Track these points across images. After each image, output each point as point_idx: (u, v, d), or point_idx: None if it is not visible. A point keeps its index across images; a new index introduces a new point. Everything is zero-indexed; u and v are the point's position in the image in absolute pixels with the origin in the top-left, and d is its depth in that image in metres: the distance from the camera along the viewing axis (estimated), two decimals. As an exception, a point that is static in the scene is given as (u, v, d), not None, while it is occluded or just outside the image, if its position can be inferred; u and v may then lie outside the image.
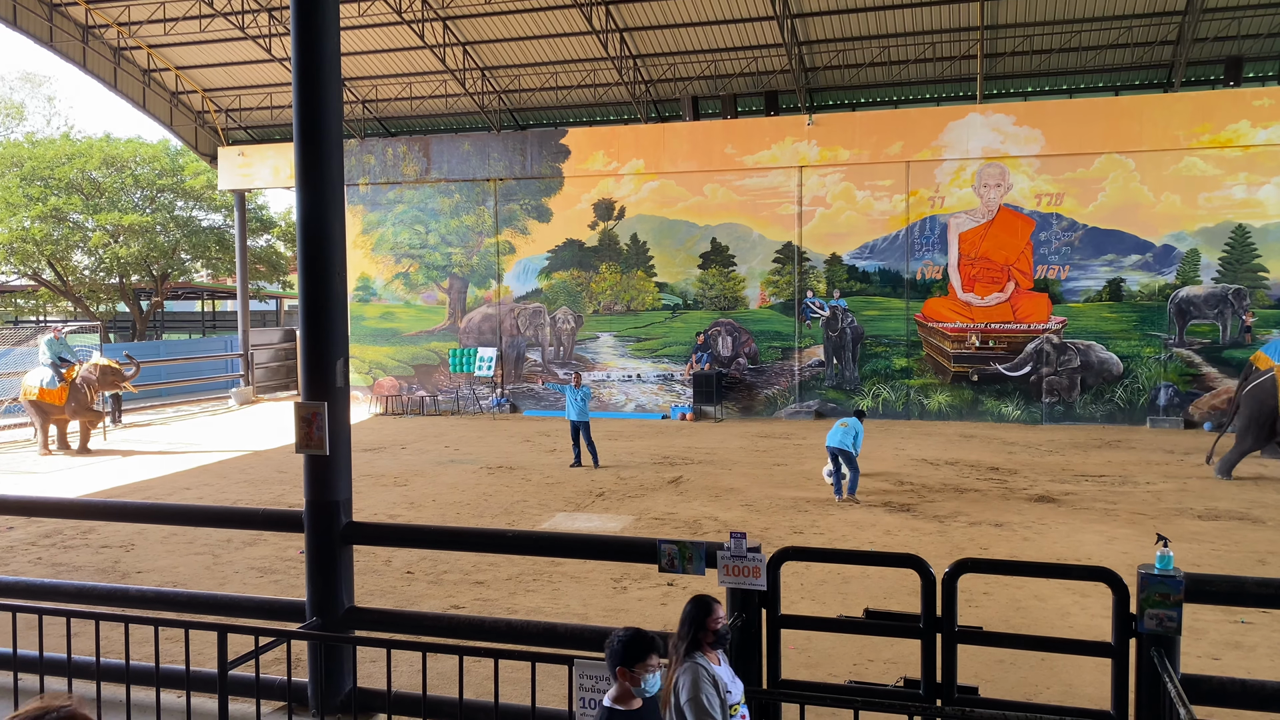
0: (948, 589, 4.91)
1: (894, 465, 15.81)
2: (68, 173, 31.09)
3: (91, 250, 31.59)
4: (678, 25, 21.74)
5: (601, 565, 9.56)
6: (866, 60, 21.82)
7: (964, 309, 21.07)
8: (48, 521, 11.97)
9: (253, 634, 5.31)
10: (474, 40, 23.28)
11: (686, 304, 22.86)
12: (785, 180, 21.88)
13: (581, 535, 9.75)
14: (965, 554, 10.13)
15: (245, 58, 24.80)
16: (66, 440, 18.45)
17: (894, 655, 7.24)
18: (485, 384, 24.23)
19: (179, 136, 27.51)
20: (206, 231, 33.18)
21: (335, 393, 6.05)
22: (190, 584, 9.39)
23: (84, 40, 24.14)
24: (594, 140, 23.31)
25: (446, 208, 24.56)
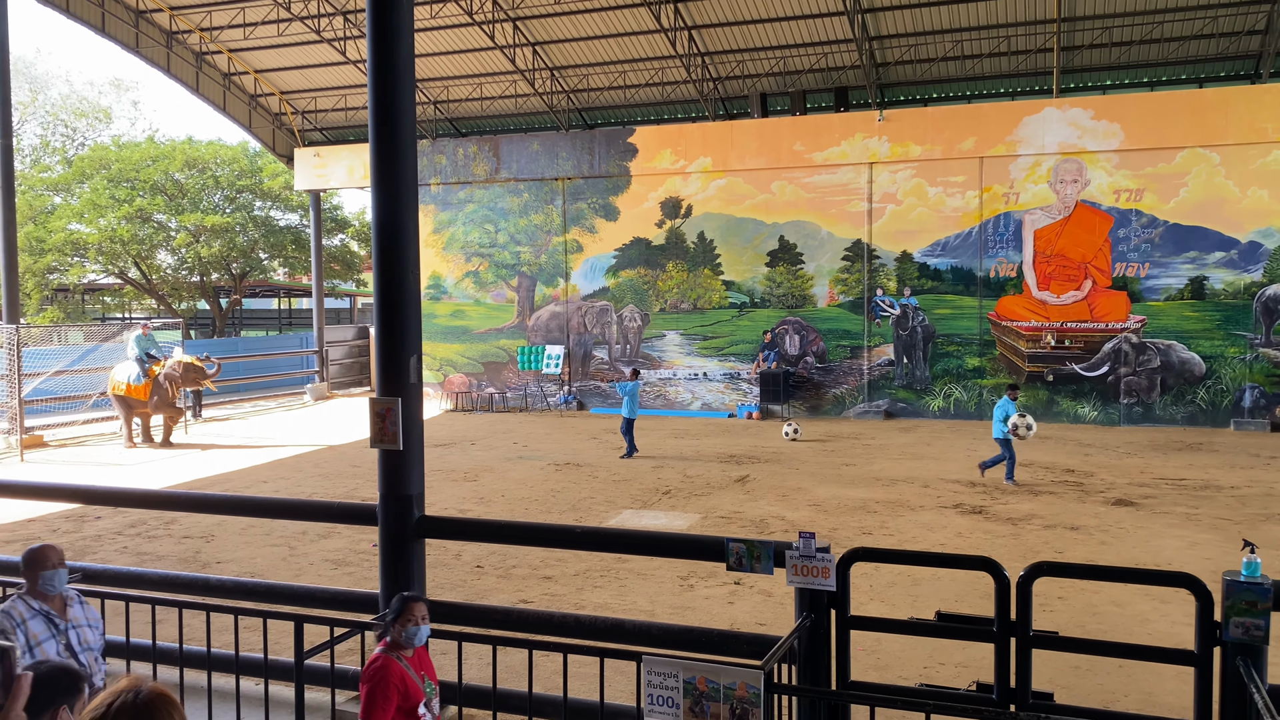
0: (1023, 592, 4.80)
1: (966, 467, 15.55)
2: (152, 175, 32.10)
3: (175, 249, 32.59)
4: (746, 22, 21.65)
5: (668, 563, 9.57)
6: (939, 55, 21.47)
7: (1039, 307, 20.62)
8: (133, 512, 12.36)
9: (328, 625, 5.43)
10: (543, 40, 23.47)
11: (753, 302, 22.76)
12: (855, 177, 21.65)
13: (650, 532, 9.77)
14: (1039, 557, 9.91)
15: (321, 60, 25.35)
16: (150, 434, 19.05)
17: (965, 659, 7.12)
18: (553, 381, 24.42)
19: (257, 138, 28.23)
20: (283, 231, 34.00)
21: (409, 389, 6.14)
22: (267, 575, 9.63)
23: (168, 46, 24.91)
24: (661, 138, 23.32)
25: (515, 207, 24.81)
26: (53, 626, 4.53)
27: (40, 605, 4.54)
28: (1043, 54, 20.87)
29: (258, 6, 23.23)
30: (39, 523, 12.13)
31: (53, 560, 4.59)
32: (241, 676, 5.79)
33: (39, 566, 4.57)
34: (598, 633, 5.69)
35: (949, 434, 19.21)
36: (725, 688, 4.18)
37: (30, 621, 4.47)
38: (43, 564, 4.58)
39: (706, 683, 4.22)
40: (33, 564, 4.58)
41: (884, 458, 16.51)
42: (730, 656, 4.99)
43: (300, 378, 28.52)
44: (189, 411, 21.30)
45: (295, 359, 29.27)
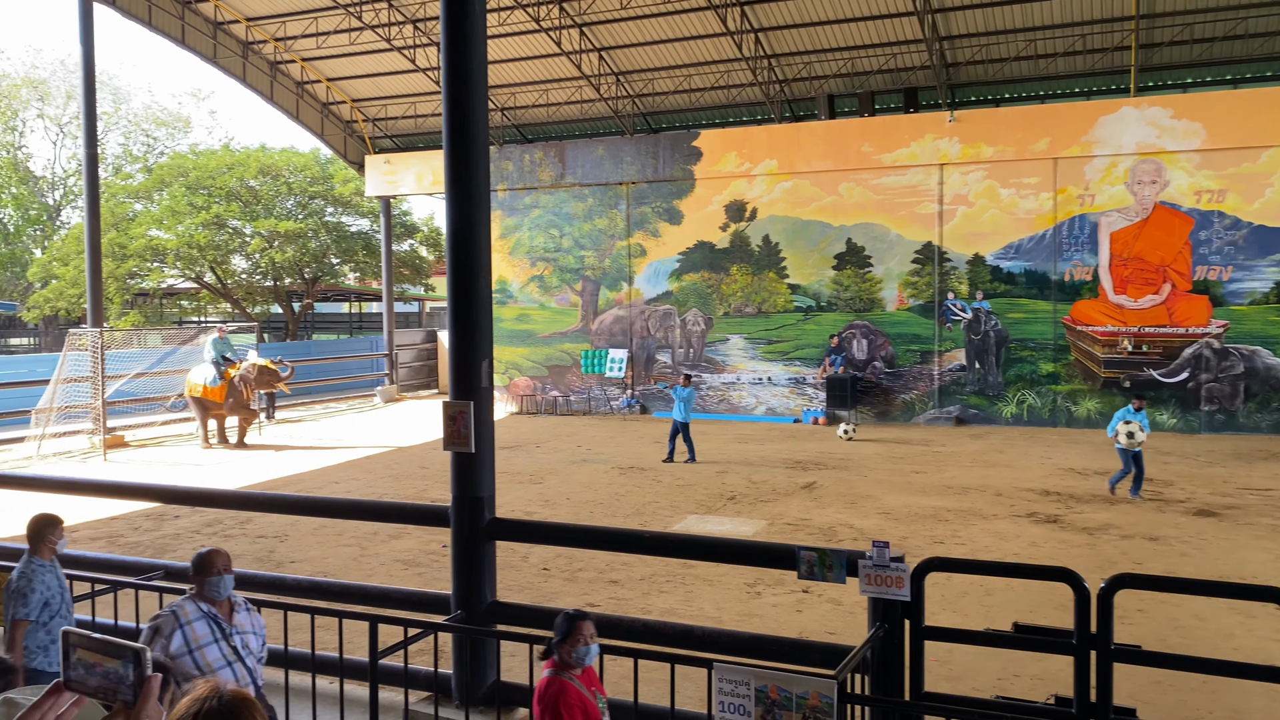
0: (1104, 605, 4.68)
1: (1040, 474, 15.22)
2: (228, 182, 32.94)
3: (249, 255, 33.38)
4: (814, 24, 21.49)
5: (735, 569, 9.52)
6: (1011, 54, 21.07)
7: (1115, 312, 20.09)
8: (210, 511, 12.68)
9: (401, 625, 5.50)
10: (609, 45, 23.57)
11: (820, 306, 22.55)
12: (925, 178, 21.33)
13: (719, 538, 9.74)
14: (1117, 568, 9.66)
15: (391, 68, 25.78)
16: (225, 435, 19.54)
17: (1041, 671, 6.96)
18: (616, 385, 24.49)
19: (329, 145, 28.80)
20: (354, 236, 34.62)
21: (480, 392, 6.20)
22: (339, 574, 9.80)
23: (244, 56, 25.56)
24: (726, 141, 23.26)
25: (580, 211, 24.94)
26: (218, 630, 4.54)
27: (208, 608, 4.57)
28: (1120, 52, 20.35)
29: (330, 16, 23.72)
30: (121, 520, 12.51)
31: (219, 565, 4.61)
32: (317, 675, 5.90)
33: (206, 571, 4.59)
34: (667, 638, 5.68)
35: (1022, 441, 18.81)
36: (798, 696, 4.14)
37: (196, 623, 4.49)
38: (210, 569, 4.59)
39: (779, 691, 4.19)
40: (201, 568, 4.60)
41: (955, 465, 16.23)
42: (800, 665, 4.93)
43: (370, 380, 29.02)
44: (263, 413, 21.79)
45: (365, 362, 29.79)
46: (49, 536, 5.54)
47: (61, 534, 5.63)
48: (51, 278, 34.19)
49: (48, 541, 5.53)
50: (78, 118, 37.83)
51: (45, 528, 5.55)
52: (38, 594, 5.38)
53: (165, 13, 23.66)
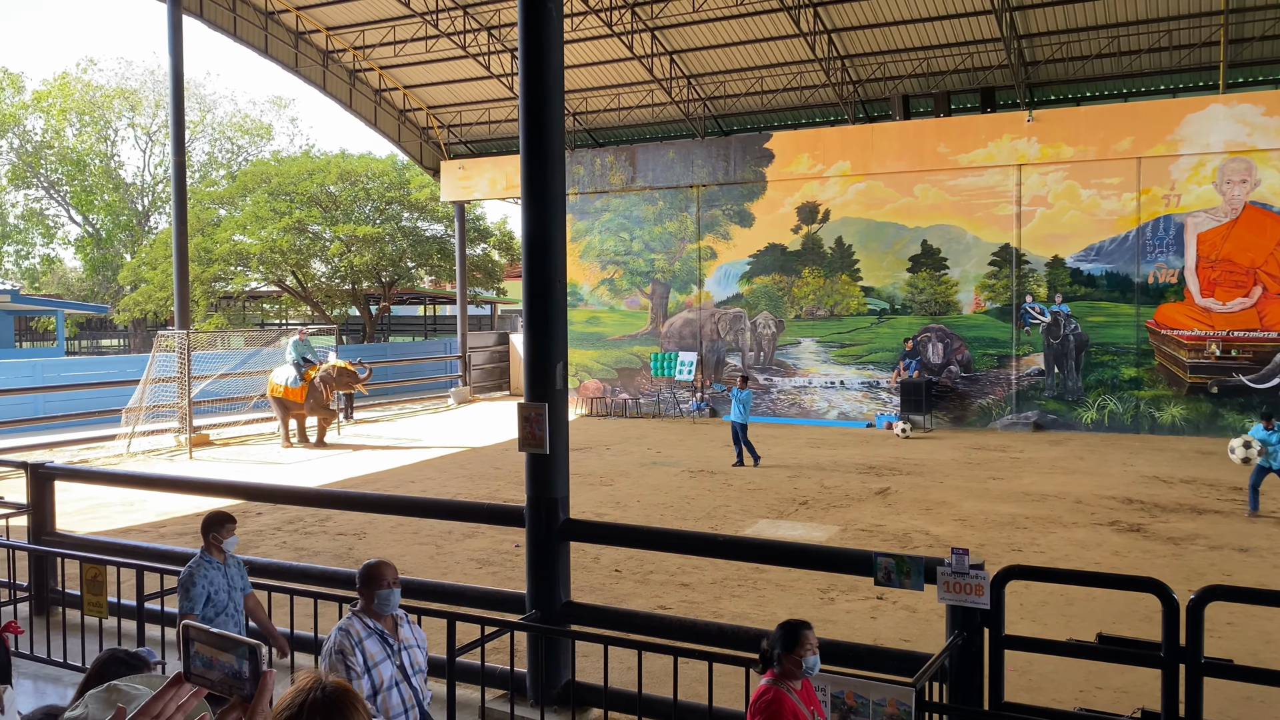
0: (1193, 617, 4.55)
1: (1122, 482, 14.81)
2: (309, 187, 33.78)
3: (328, 259, 34.16)
4: (889, 24, 21.25)
5: (807, 574, 9.45)
6: (1093, 52, 20.57)
7: (1202, 315, 19.46)
8: (291, 509, 12.99)
9: (478, 623, 5.58)
10: (681, 49, 23.61)
11: (894, 309, 22.26)
12: (1002, 179, 20.93)
13: (793, 543, 9.68)
14: (1204, 580, 9.35)
15: (466, 75, 26.18)
16: (305, 434, 20.01)
17: (1124, 684, 6.78)
18: (685, 388, 24.48)
19: (405, 152, 29.36)
20: (429, 241, 35.21)
21: (555, 394, 6.26)
22: (416, 572, 9.95)
23: (324, 65, 26.19)
24: (798, 143, 23.10)
25: (650, 215, 25.00)
26: (388, 647, 4.31)
27: (375, 624, 4.32)
28: (1208, 48, 19.73)
29: (407, 24, 24.18)
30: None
31: (389, 579, 4.36)
32: (396, 670, 6.01)
33: (375, 584, 4.33)
34: (740, 642, 5.67)
35: (1103, 448, 18.33)
36: (875, 703, 4.11)
37: (367, 640, 4.25)
38: (378, 582, 4.33)
39: (855, 697, 4.16)
40: (369, 581, 4.35)
41: (1033, 471, 15.89)
42: (876, 672, 4.89)
43: (444, 382, 29.46)
44: (341, 413, 22.27)
45: (439, 364, 30.26)
46: (215, 533, 5.58)
47: (230, 532, 5.63)
48: (141, 281, 35.42)
49: (214, 538, 5.59)
50: (166, 126, 39.20)
51: (212, 525, 5.60)
52: (199, 588, 5.40)
53: (249, 24, 24.36)
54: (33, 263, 46.95)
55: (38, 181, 44.02)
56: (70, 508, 13.05)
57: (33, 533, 8.45)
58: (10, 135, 42.21)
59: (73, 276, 48.55)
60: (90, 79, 43.66)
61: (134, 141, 48.25)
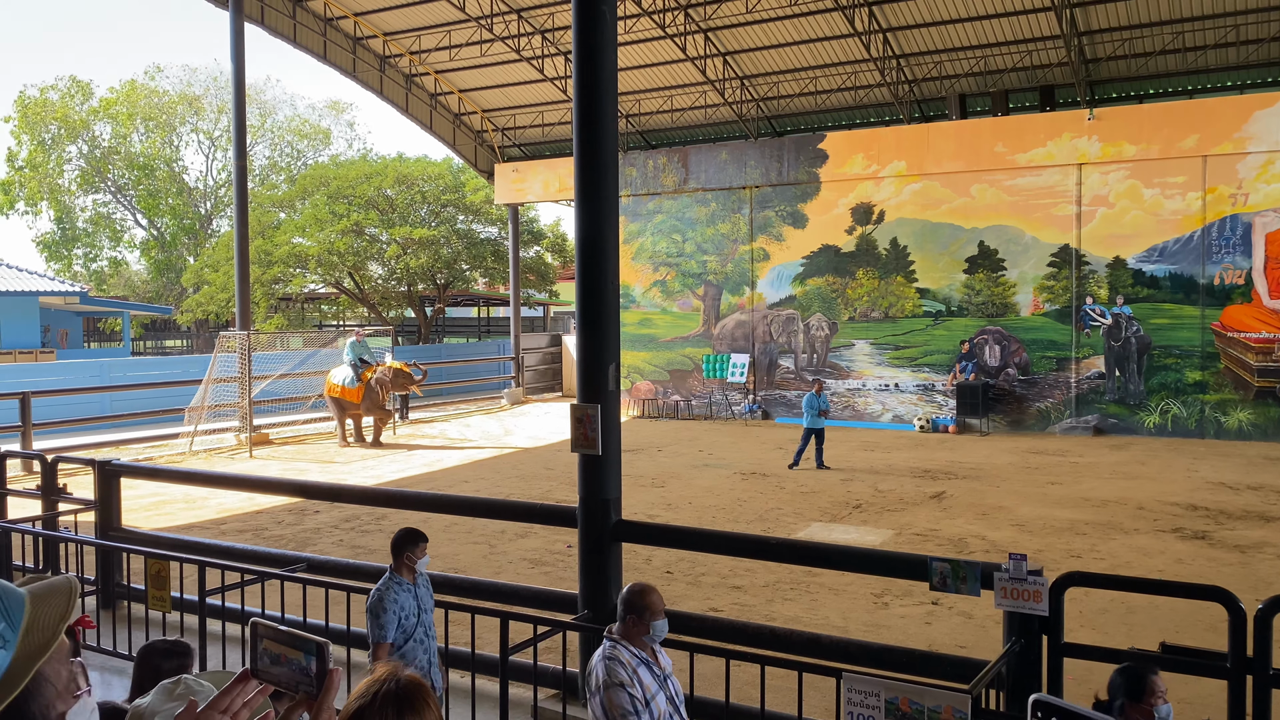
0: (1261, 627, 4.43)
1: (1186, 488, 14.45)
2: (366, 191, 34.28)
3: (385, 261, 34.65)
4: (945, 22, 21.00)
5: (860, 578, 9.36)
6: (1156, 48, 20.12)
7: (1271, 317, 18.91)
8: (347, 507, 13.19)
9: (531, 623, 5.62)
10: (734, 50, 23.55)
11: (949, 311, 21.96)
12: (1062, 179, 20.54)
13: (847, 546, 9.59)
14: (1273, 589, 9.09)
15: (520, 79, 26.37)
16: (362, 434, 20.30)
17: (1188, 695, 6.60)
18: (737, 390, 24.40)
19: (460, 155, 29.67)
20: (483, 243, 35.55)
21: (607, 395, 6.28)
22: (470, 571, 10.06)
23: (381, 70, 26.56)
24: (852, 143, 22.90)
25: (703, 216, 24.95)
26: (656, 677, 4.03)
27: (639, 652, 4.03)
28: (1276, 43, 19.18)
29: (462, 29, 24.43)
30: (266, 514, 13.15)
31: (659, 606, 4.08)
32: (450, 669, 6.07)
33: (650, 613, 4.03)
34: (793, 646, 5.64)
35: (1166, 453, 17.91)
36: (930, 710, 4.05)
37: (639, 670, 3.96)
38: (654, 611, 4.04)
39: (910, 704, 4.11)
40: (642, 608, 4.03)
41: (1093, 476, 15.57)
42: (930, 678, 4.83)
43: (497, 383, 29.70)
44: (397, 413, 22.55)
45: (493, 365, 30.52)
46: (409, 552, 5.23)
47: (423, 551, 5.28)
48: (203, 283, 36.23)
49: (405, 558, 5.23)
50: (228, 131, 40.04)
51: (404, 543, 5.24)
52: (390, 614, 5.05)
53: (308, 30, 24.80)
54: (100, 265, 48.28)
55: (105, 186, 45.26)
56: (135, 504, 13.38)
57: (100, 528, 8.68)
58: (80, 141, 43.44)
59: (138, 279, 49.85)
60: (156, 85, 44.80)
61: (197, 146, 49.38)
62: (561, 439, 19.14)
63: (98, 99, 43.69)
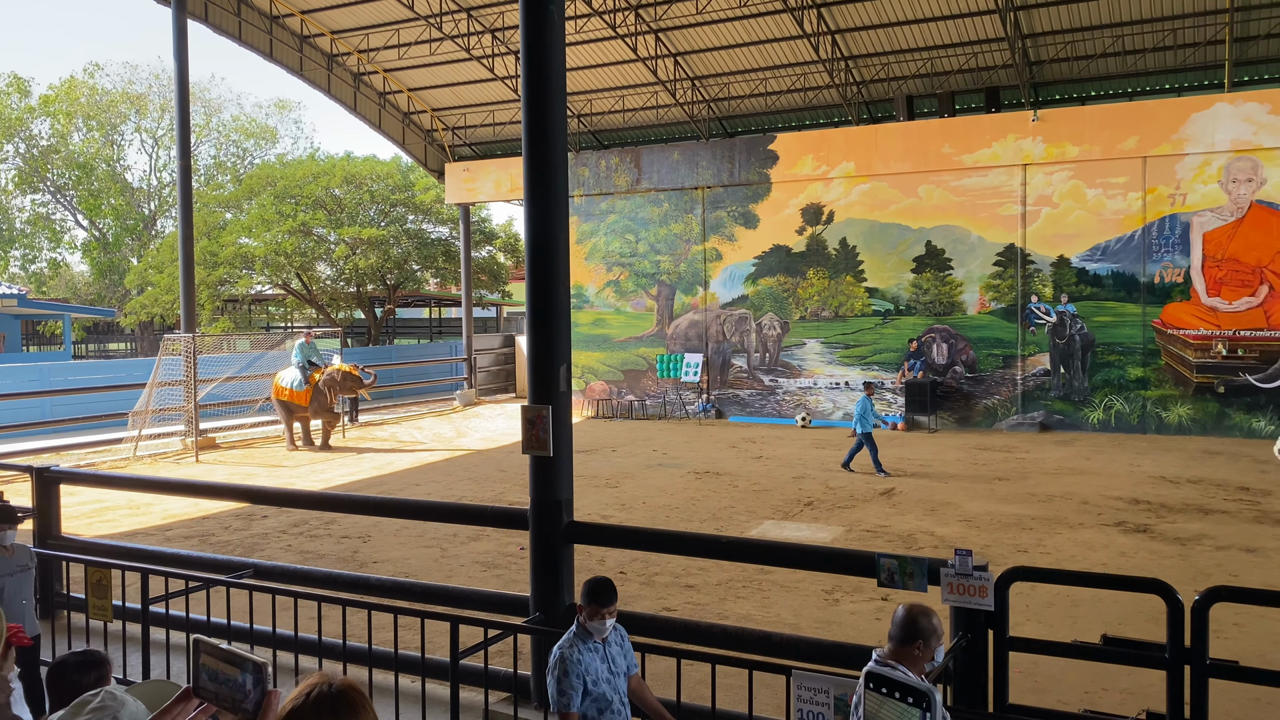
0: (1198, 618, 4.53)
1: (1129, 482, 14.77)
2: (313, 190, 33.83)
3: (333, 262, 34.21)
4: (892, 24, 21.24)
5: (812, 575, 9.44)
6: (1098, 51, 20.54)
7: (1209, 315, 19.40)
8: (295, 512, 13.01)
9: (481, 626, 5.58)
10: (685, 51, 23.61)
11: (898, 310, 22.23)
12: (1007, 179, 20.89)
13: (797, 544, 9.65)
14: (1211, 581, 9.32)
15: (470, 78, 26.21)
16: (310, 437, 20.04)
17: (1130, 685, 6.76)
18: (691, 389, 24.47)
19: (410, 154, 29.40)
20: (434, 243, 35.25)
21: (558, 397, 6.26)
22: (421, 575, 9.98)
23: (329, 68, 26.24)
24: (803, 145, 23.08)
25: (655, 217, 24.99)
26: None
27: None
28: (1213, 47, 19.68)
29: (411, 27, 24.22)
30: (213, 519, 12.93)
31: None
32: (400, 674, 6.02)
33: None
34: (745, 644, 5.66)
35: (1110, 448, 18.28)
36: (878, 706, 4.09)
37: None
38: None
39: (859, 700, 4.14)
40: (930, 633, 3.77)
41: (1039, 472, 15.85)
42: (881, 674, 4.87)
43: (449, 384, 29.49)
44: (346, 416, 22.29)
45: (445, 366, 30.29)
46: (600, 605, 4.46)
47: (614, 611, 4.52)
48: (147, 285, 35.50)
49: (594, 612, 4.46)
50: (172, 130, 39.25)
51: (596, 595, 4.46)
52: (573, 678, 4.32)
53: (254, 28, 24.42)
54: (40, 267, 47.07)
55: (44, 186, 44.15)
56: (76, 511, 13.09)
57: (37, 537, 8.47)
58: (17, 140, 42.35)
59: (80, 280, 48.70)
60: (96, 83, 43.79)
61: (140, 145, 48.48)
62: (515, 440, 19.05)
63: (36, 96, 42.62)
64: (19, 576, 6.01)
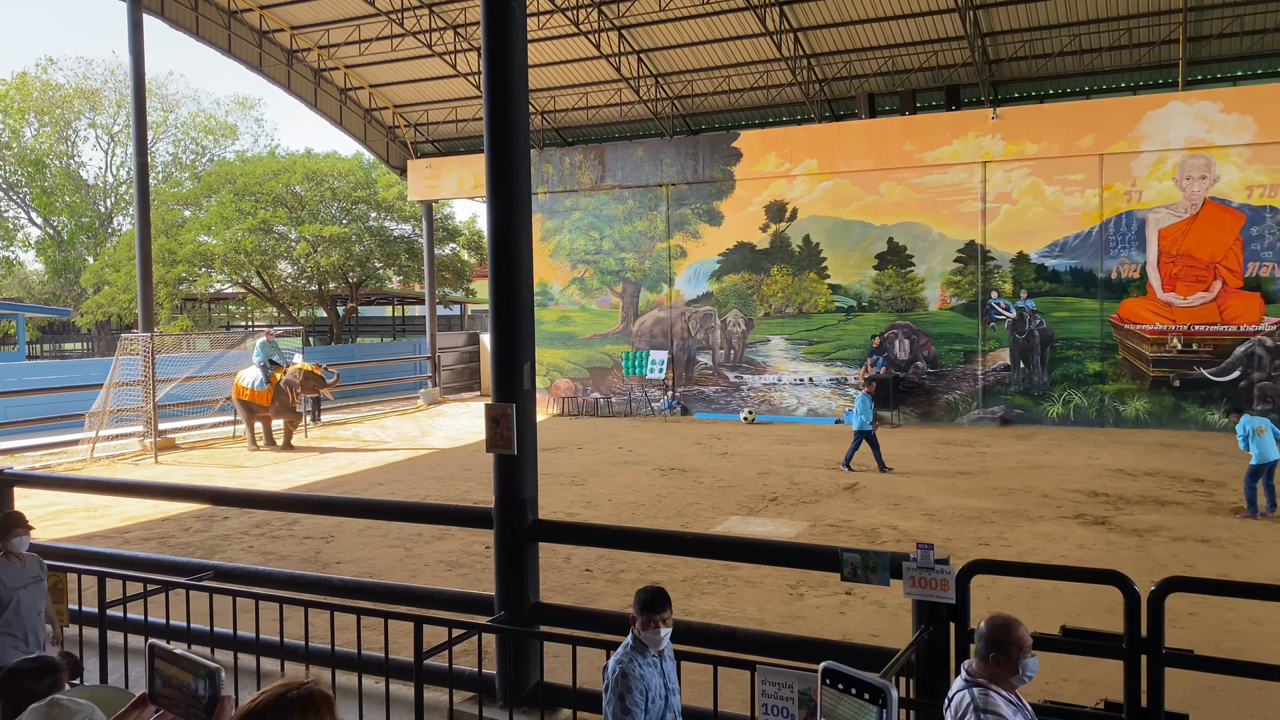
0: (1154, 608, 4.61)
1: (1087, 475, 14.99)
2: (274, 188, 33.45)
3: (295, 259, 33.87)
4: (854, 22, 21.37)
5: (777, 571, 9.49)
6: (1055, 50, 20.81)
7: (1164, 310, 19.75)
8: (257, 513, 12.88)
9: (446, 626, 5.55)
10: (648, 48, 23.61)
11: (861, 306, 22.40)
12: (967, 176, 21.11)
13: (761, 540, 9.71)
14: (1168, 571, 9.49)
15: (432, 74, 26.02)
16: (272, 437, 19.82)
17: (1090, 676, 6.86)
18: (657, 386, 24.50)
19: (372, 151, 29.14)
20: (397, 241, 34.99)
21: (522, 395, 6.24)
22: (385, 575, 9.91)
23: (289, 64, 25.94)
24: (766, 142, 23.18)
25: (620, 214, 24.98)
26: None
27: (1011, 696, 3.71)
28: (1167, 46, 20.01)
29: (372, 23, 24.00)
30: (173, 521, 12.76)
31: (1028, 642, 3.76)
32: (364, 675, 5.97)
33: (1020, 650, 3.70)
34: (710, 640, 5.68)
35: (1069, 442, 18.55)
36: (842, 699, 4.11)
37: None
38: (1024, 647, 3.70)
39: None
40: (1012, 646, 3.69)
41: (1000, 466, 16.05)
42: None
43: (413, 383, 29.29)
44: (308, 416, 22.08)
45: (409, 365, 30.07)
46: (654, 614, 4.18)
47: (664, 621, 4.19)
48: (104, 284, 34.93)
49: (650, 620, 4.19)
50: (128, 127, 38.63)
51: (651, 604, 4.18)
52: (636, 694, 4.06)
53: (212, 23, 24.08)
54: (-8, 266, 46.16)
55: (-4, 183, 43.28)
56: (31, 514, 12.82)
57: (-8, 541, 8.28)
58: (-33, 136, 41.46)
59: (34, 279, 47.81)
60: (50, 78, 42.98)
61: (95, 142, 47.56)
62: (480, 439, 18.97)
63: (-13, 92, 41.74)
64: (32, 589, 5.63)
